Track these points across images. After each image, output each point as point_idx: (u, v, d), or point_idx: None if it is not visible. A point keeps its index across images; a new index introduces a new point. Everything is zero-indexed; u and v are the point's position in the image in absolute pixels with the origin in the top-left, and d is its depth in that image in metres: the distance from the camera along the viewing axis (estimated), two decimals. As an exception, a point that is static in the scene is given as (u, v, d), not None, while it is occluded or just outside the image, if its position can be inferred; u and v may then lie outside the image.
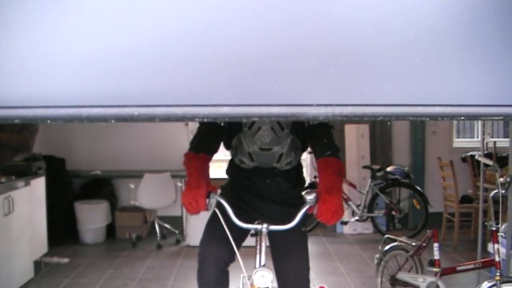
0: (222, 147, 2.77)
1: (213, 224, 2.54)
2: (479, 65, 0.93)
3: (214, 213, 2.39)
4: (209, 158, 2.45)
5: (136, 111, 0.88)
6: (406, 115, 0.92)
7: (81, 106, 0.88)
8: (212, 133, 2.56)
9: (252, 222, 2.25)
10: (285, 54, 0.91)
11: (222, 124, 2.56)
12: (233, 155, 2.75)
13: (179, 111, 0.88)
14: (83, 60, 0.89)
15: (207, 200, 2.20)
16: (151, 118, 0.89)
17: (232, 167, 2.78)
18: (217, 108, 0.89)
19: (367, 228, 7.00)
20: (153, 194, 6.31)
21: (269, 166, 2.65)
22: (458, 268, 3.65)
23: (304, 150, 2.74)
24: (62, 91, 0.89)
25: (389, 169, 6.67)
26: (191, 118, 0.90)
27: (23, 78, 0.88)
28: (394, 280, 3.88)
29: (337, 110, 0.90)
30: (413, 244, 3.84)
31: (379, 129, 7.30)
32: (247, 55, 0.90)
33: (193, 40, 0.89)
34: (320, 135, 2.48)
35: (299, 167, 2.76)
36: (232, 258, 2.51)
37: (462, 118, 0.93)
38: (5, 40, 0.86)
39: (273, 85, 0.90)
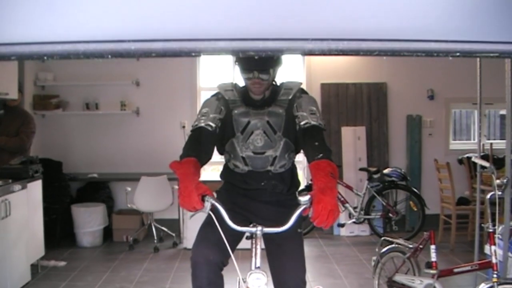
0: (216, 152, 2.77)
1: (206, 228, 2.54)
2: (475, 1, 0.93)
3: (208, 217, 2.39)
4: (198, 164, 2.38)
5: (133, 45, 0.87)
6: (401, 51, 0.92)
7: (78, 42, 0.87)
8: (203, 139, 2.54)
9: (247, 225, 2.25)
10: None
11: (211, 129, 2.55)
12: (227, 160, 2.75)
13: (175, 45, 0.88)
14: None
15: (202, 203, 2.19)
16: (147, 53, 0.88)
17: (227, 172, 2.78)
18: (213, 43, 0.89)
19: (364, 230, 7.00)
20: (150, 197, 6.30)
21: (263, 170, 2.65)
22: (455, 270, 3.65)
23: (297, 152, 2.75)
24: (58, 27, 0.88)
25: (386, 171, 6.67)
26: (188, 53, 0.90)
27: (19, 15, 0.87)
28: (391, 282, 3.88)
29: (333, 45, 0.90)
30: (410, 246, 3.84)
31: (376, 131, 7.31)
32: None
33: None
34: (311, 137, 2.47)
35: (293, 169, 2.77)
36: (225, 261, 2.51)
37: (458, 54, 0.92)
38: None
39: (269, 20, 0.90)
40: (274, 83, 2.70)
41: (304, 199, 2.14)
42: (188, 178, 2.23)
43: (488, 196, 3.42)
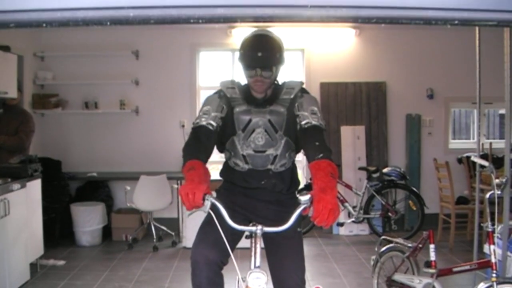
0: (216, 150, 2.77)
1: (205, 227, 2.54)
2: None
3: (207, 216, 2.39)
4: (205, 165, 2.41)
5: (131, 12, 0.87)
6: (399, 18, 0.91)
7: (77, 9, 0.86)
8: (204, 138, 2.54)
9: (247, 224, 2.25)
10: None
11: (212, 128, 2.55)
12: (227, 158, 2.75)
13: (174, 12, 0.87)
14: None
15: (202, 202, 2.18)
16: (146, 20, 0.88)
17: (227, 170, 2.78)
18: (212, 9, 0.88)
19: (363, 229, 7.00)
20: (149, 196, 6.30)
21: (263, 168, 2.66)
22: (454, 269, 3.65)
23: (298, 151, 2.75)
24: None
25: (385, 170, 6.68)
26: (186, 20, 0.89)
27: None
28: (390, 281, 3.88)
29: (331, 12, 0.89)
30: (409, 245, 3.84)
31: (375, 130, 7.31)
32: None
33: None
34: (311, 137, 2.47)
35: (293, 168, 2.77)
36: (225, 260, 2.51)
37: (456, 22, 0.91)
38: None
39: None
40: (276, 82, 2.70)
41: (304, 198, 2.14)
42: (197, 179, 2.22)
43: (487, 195, 3.42)
